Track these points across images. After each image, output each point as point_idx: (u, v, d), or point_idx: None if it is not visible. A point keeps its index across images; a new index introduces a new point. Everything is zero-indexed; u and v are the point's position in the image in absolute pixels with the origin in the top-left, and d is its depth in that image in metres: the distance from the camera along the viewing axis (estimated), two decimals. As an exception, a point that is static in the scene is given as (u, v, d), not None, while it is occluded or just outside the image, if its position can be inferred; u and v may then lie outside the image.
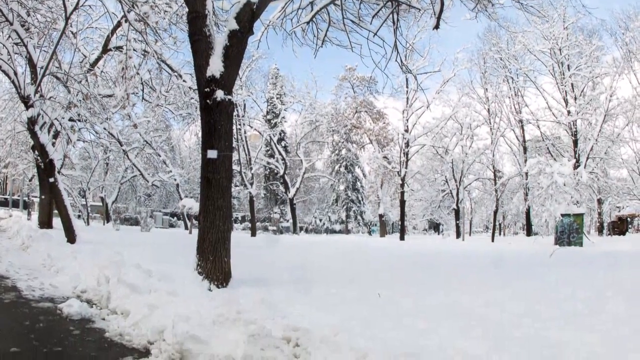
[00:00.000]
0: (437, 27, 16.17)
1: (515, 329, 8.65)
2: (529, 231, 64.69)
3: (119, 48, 27.38)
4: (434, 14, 15.96)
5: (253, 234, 54.20)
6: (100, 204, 66.33)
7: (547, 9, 35.35)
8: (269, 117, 75.45)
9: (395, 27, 16.71)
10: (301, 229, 78.75)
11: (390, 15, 16.40)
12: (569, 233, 37.79)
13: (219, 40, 12.80)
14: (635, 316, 9.46)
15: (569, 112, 57.04)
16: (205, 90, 12.40)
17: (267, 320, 8.17)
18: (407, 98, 63.29)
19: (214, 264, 12.18)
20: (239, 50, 13.06)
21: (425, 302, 11.27)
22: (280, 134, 74.79)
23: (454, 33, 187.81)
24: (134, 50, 23.15)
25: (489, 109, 64.38)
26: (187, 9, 13.32)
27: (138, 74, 25.41)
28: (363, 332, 7.88)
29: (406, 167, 64.63)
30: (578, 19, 54.54)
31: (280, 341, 7.38)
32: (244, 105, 57.89)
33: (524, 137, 64.26)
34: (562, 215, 38.43)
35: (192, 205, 45.34)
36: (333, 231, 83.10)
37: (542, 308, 10.65)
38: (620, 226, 61.20)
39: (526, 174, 54.74)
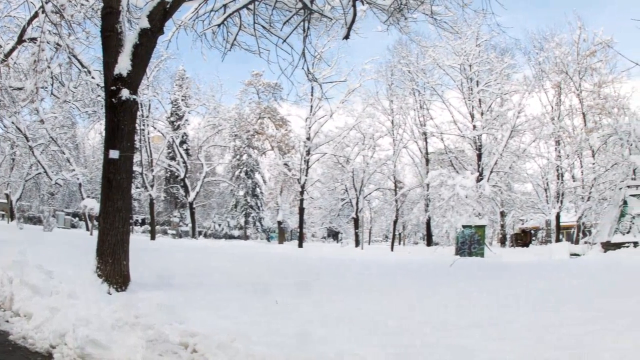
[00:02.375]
0: (347, 37, 16.27)
1: (416, 337, 8.68)
2: (429, 241, 65.61)
3: (33, 39, 26.77)
4: (346, 24, 16.05)
5: (152, 237, 53.46)
6: (5, 201, 64.83)
7: (461, 26, 35.97)
8: (172, 119, 74.40)
9: (305, 35, 16.70)
10: (200, 233, 78.17)
11: (302, 23, 16.41)
12: (470, 244, 38.31)
13: (130, 38, 12.58)
14: (539, 326, 9.65)
15: (474, 126, 58.29)
16: (112, 88, 12.20)
17: (165, 325, 8.04)
18: (311, 106, 63.40)
19: (113, 267, 11.96)
20: (148, 50, 12.91)
21: (324, 309, 11.35)
22: (182, 136, 73.73)
23: (364, 44, 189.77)
24: (47, 42, 22.78)
25: (392, 121, 65.27)
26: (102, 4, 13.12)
27: (49, 67, 25.01)
28: (261, 338, 7.82)
29: (306, 175, 64.64)
30: (492, 37, 56.19)
31: (178, 347, 7.34)
32: (149, 105, 57.58)
33: (426, 149, 65.43)
34: (464, 226, 38.98)
35: (93, 205, 44.63)
36: (232, 237, 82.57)
37: (444, 316, 10.78)
38: (523, 238, 62.75)
39: (427, 185, 55.48)
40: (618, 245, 30.28)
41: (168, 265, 19.52)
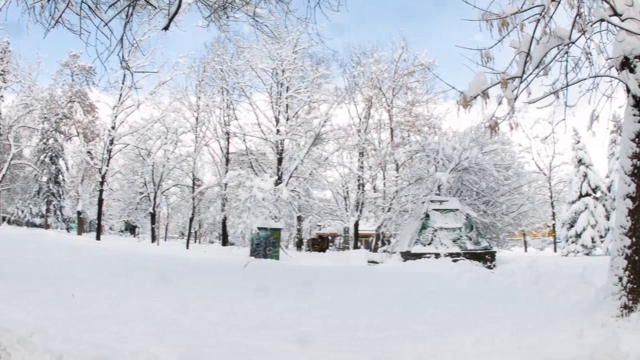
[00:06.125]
0: (167, 28, 16.08)
1: (210, 337, 8.84)
2: (224, 241, 65.75)
3: None
4: (168, 15, 15.92)
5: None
6: None
7: (281, 31, 36.30)
8: (-12, 94, 71.56)
9: (127, 21, 16.45)
10: (4, 219, 75.51)
11: (127, 8, 16.16)
12: (265, 246, 38.62)
13: (-39, 5, 12.05)
14: (336, 329, 10.02)
15: (278, 130, 58.82)
16: None
17: (-32, 318, 7.83)
18: (121, 95, 61.73)
19: None
20: (-23, 19, 12.40)
21: (120, 305, 11.34)
22: (-5, 114, 71.14)
23: (184, 40, 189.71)
24: None
25: (197, 117, 65.53)
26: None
27: None
28: (58, 333, 7.80)
29: (107, 165, 63.12)
30: (310, 46, 57.03)
31: (-19, 341, 7.13)
32: (-32, 79, 55.19)
33: (228, 149, 65.68)
34: (259, 228, 39.22)
35: None
36: (34, 225, 79.61)
37: (238, 317, 11.00)
38: (320, 243, 64.06)
39: (225, 185, 55.78)
40: (418, 256, 31.54)
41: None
